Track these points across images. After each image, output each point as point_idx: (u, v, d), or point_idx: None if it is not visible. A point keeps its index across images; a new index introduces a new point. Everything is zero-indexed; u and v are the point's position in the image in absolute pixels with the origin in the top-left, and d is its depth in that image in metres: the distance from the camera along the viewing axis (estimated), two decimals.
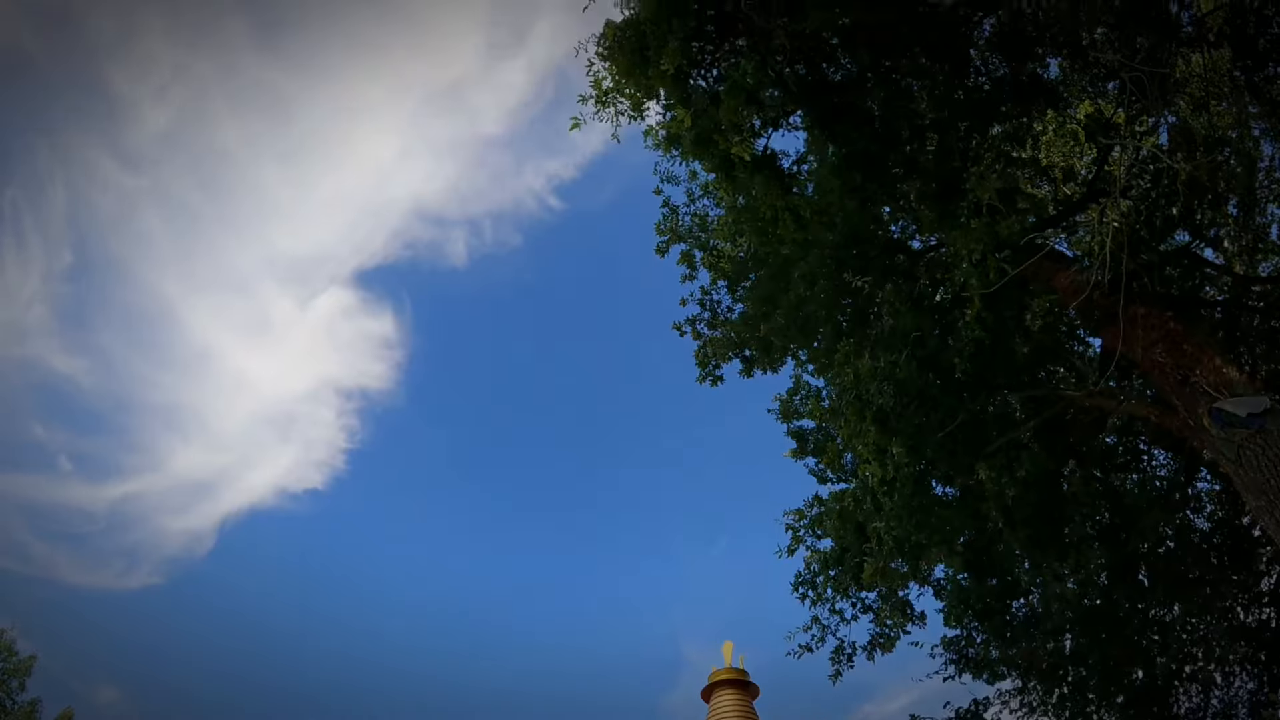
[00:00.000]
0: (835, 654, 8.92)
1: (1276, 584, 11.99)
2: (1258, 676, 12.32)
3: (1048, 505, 8.30)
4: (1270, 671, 12.23)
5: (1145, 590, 9.64)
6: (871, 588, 8.03)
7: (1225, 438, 7.15)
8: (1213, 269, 11.13)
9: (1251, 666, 12.21)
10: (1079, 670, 9.50)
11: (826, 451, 7.96)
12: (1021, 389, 8.30)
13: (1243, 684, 12.34)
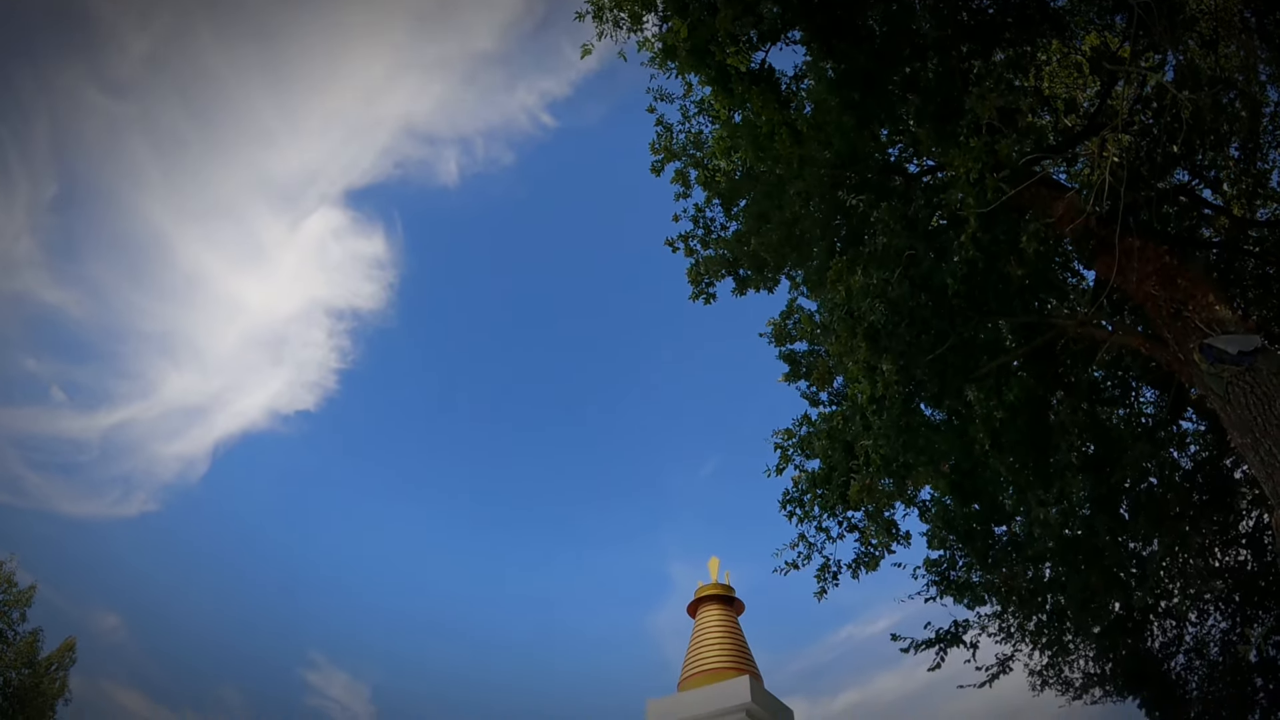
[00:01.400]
0: (820, 572, 9.00)
1: (1255, 526, 12.16)
2: (1231, 616, 12.58)
3: (1034, 432, 8.31)
4: (1244, 611, 12.48)
5: (1126, 523, 9.73)
6: (858, 506, 8.06)
7: (1214, 373, 7.13)
8: (1210, 209, 11.05)
9: (1225, 605, 12.46)
10: (1057, 598, 9.63)
11: (817, 368, 7.91)
12: (1013, 315, 8.26)
13: (1216, 622, 12.60)
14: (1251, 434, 6.67)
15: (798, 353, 9.41)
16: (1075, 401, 9.10)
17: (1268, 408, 6.55)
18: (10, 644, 45.60)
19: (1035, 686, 11.95)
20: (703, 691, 10.30)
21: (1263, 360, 6.96)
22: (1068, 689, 11.95)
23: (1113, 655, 10.97)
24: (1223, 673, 12.17)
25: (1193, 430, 11.41)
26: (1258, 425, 6.63)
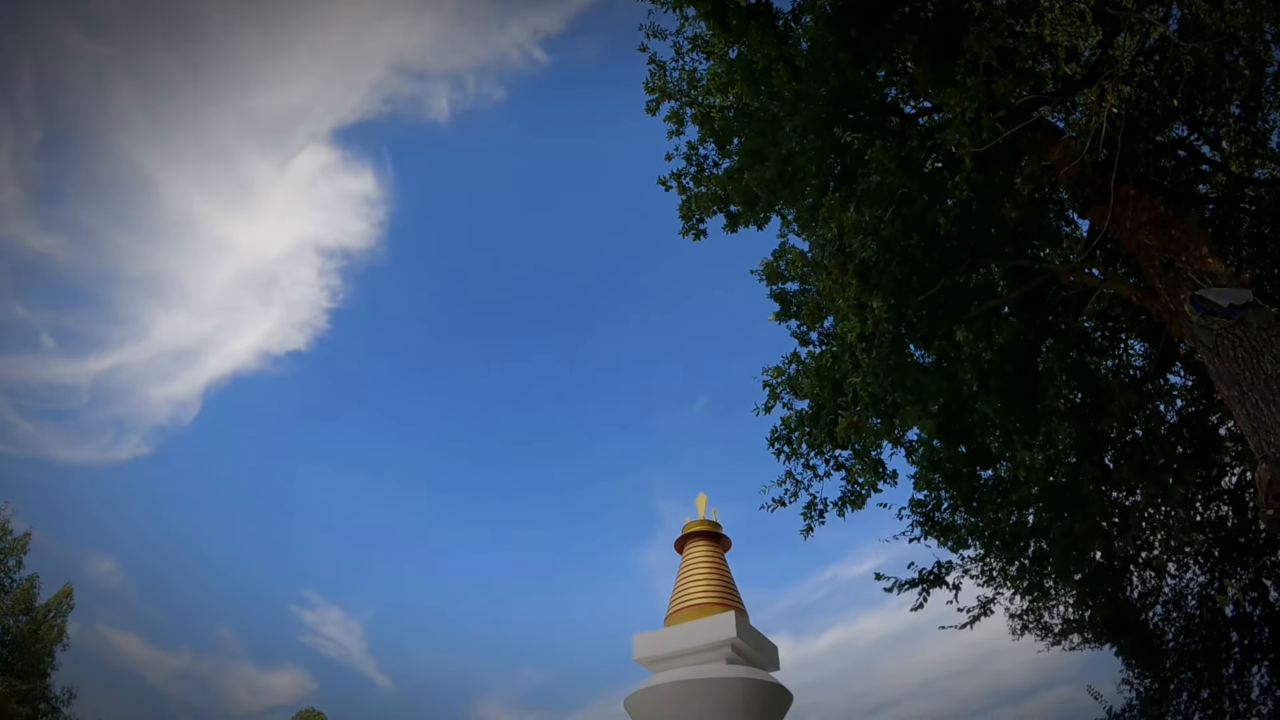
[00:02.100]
0: (807, 509, 9.08)
1: (1237, 483, 12.30)
2: (1209, 570, 12.77)
3: (1022, 377, 8.36)
4: (1222, 566, 12.68)
5: (1110, 473, 9.83)
6: (845, 444, 8.12)
7: (1204, 325, 7.14)
8: (1208, 165, 11.01)
9: (1204, 559, 12.65)
10: (1040, 543, 9.76)
11: (807, 303, 7.90)
12: (1005, 259, 8.26)
13: (1194, 575, 12.81)
14: (1239, 387, 6.70)
15: (789, 292, 9.42)
16: (1064, 348, 9.13)
17: (1256, 362, 6.58)
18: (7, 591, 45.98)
19: (1015, 631, 12.18)
20: (688, 626, 10.42)
21: (1253, 315, 6.98)
22: (1046, 634, 12.17)
23: (1092, 603, 11.15)
24: (1199, 625, 12.40)
25: (1180, 385, 11.50)
26: (1245, 379, 6.65)
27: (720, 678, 9.75)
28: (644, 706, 10.17)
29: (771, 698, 10.10)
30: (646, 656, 10.66)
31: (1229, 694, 13.14)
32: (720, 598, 10.65)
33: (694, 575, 10.96)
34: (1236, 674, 13.06)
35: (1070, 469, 9.38)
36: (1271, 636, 12.96)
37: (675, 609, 10.94)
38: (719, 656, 10.24)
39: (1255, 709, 13.57)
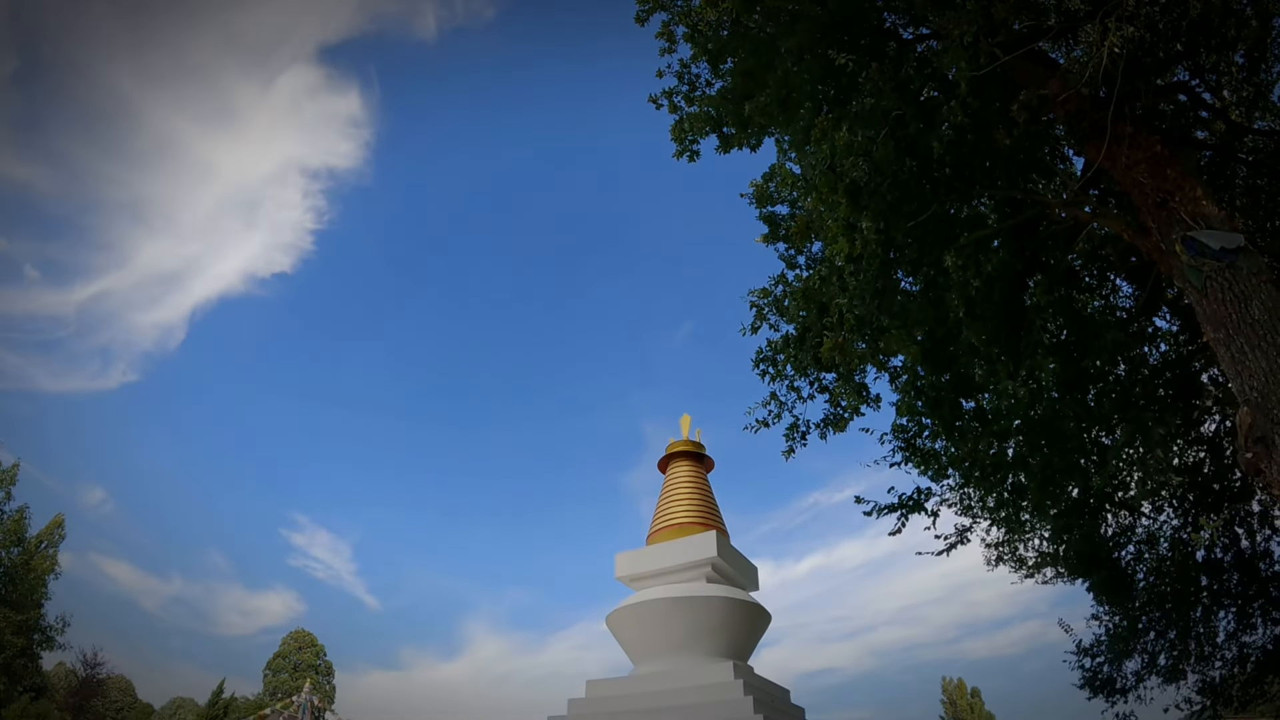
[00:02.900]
0: (790, 431, 9.14)
1: (1216, 430, 12.47)
2: (1183, 514, 13.01)
3: (1009, 309, 8.39)
4: (1196, 510, 12.91)
5: (1090, 410, 9.95)
6: (830, 365, 8.16)
7: (1194, 266, 7.16)
8: (1207, 112, 10.95)
9: (1178, 503, 12.88)
10: (1018, 476, 9.90)
11: (796, 223, 7.87)
12: (997, 189, 8.24)
13: (1168, 518, 13.05)
14: (1225, 330, 6.75)
15: (778, 215, 9.38)
16: (1051, 283, 9.18)
17: (1243, 306, 6.62)
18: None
19: (990, 562, 12.42)
20: (670, 546, 10.59)
21: (1244, 260, 7.00)
22: (1020, 566, 12.42)
23: (1067, 538, 11.34)
24: (1170, 567, 12.66)
25: (1165, 329, 11.58)
26: (1231, 322, 6.70)
27: (700, 596, 9.93)
28: (625, 624, 10.38)
29: (750, 617, 10.31)
30: (628, 575, 10.85)
31: (1195, 636, 13.50)
32: (701, 518, 10.80)
33: (676, 495, 11.09)
34: (1204, 617, 13.40)
35: (1051, 404, 9.48)
36: (1240, 583, 13.28)
37: (657, 528, 11.08)
38: (699, 576, 10.44)
39: (1220, 653, 13.96)
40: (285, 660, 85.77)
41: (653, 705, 9.43)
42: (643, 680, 10.01)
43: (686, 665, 10.05)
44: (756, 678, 10.02)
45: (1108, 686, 13.29)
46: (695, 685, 9.52)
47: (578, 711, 10.10)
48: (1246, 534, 13.17)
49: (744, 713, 8.84)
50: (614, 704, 9.81)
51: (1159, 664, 13.31)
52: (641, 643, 10.55)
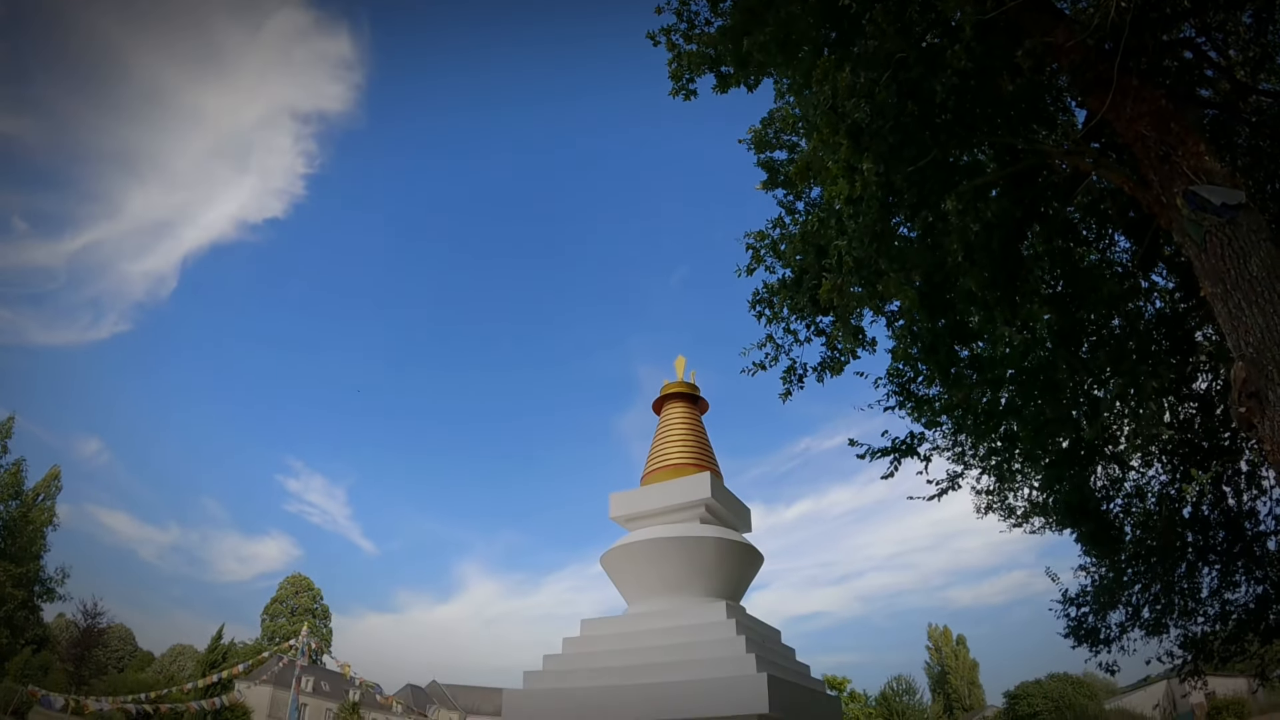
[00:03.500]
0: (786, 374, 9.20)
1: (1208, 388, 12.58)
2: (1171, 470, 13.18)
3: (1006, 258, 8.42)
4: (1184, 467, 13.07)
5: (1084, 362, 10.03)
6: (827, 306, 8.18)
7: (1195, 220, 7.17)
8: (1212, 70, 10.89)
9: (1166, 459, 13.04)
10: (1011, 425, 10.00)
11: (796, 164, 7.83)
12: (999, 136, 8.21)
13: (1156, 473, 13.22)
14: (1223, 284, 6.79)
15: (776, 161, 9.36)
16: (1050, 233, 9.20)
17: (1242, 262, 6.66)
18: None
19: (979, 510, 12.60)
20: (664, 486, 10.68)
21: (1244, 216, 7.02)
22: (1009, 515, 12.61)
23: (1056, 488, 11.50)
24: (1156, 522, 12.85)
25: (1161, 286, 11.64)
26: (1230, 278, 6.74)
27: (693, 536, 10.07)
28: (619, 563, 10.53)
29: (743, 558, 10.46)
30: (622, 515, 10.96)
31: (1179, 591, 13.75)
32: (696, 459, 10.88)
33: (671, 436, 11.17)
34: (1188, 573, 13.63)
35: (1046, 355, 9.56)
36: (1225, 541, 13.49)
37: (651, 469, 11.18)
38: (693, 516, 10.56)
39: (1203, 609, 14.23)
40: (282, 605, 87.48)
41: (646, 644, 9.61)
42: (636, 619, 10.18)
43: (680, 604, 10.21)
44: (748, 618, 10.20)
45: (1092, 636, 13.57)
46: (688, 624, 9.69)
47: (572, 650, 10.27)
48: (1234, 492, 13.35)
49: (736, 651, 9.00)
50: (608, 643, 9.98)
51: (1142, 617, 13.57)
52: (635, 582, 10.70)
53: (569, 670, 9.76)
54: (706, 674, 8.63)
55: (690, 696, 8.51)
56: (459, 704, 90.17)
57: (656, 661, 9.12)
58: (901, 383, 9.89)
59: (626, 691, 8.97)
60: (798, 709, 9.27)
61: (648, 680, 8.89)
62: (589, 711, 9.15)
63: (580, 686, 9.39)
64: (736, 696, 8.29)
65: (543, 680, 9.89)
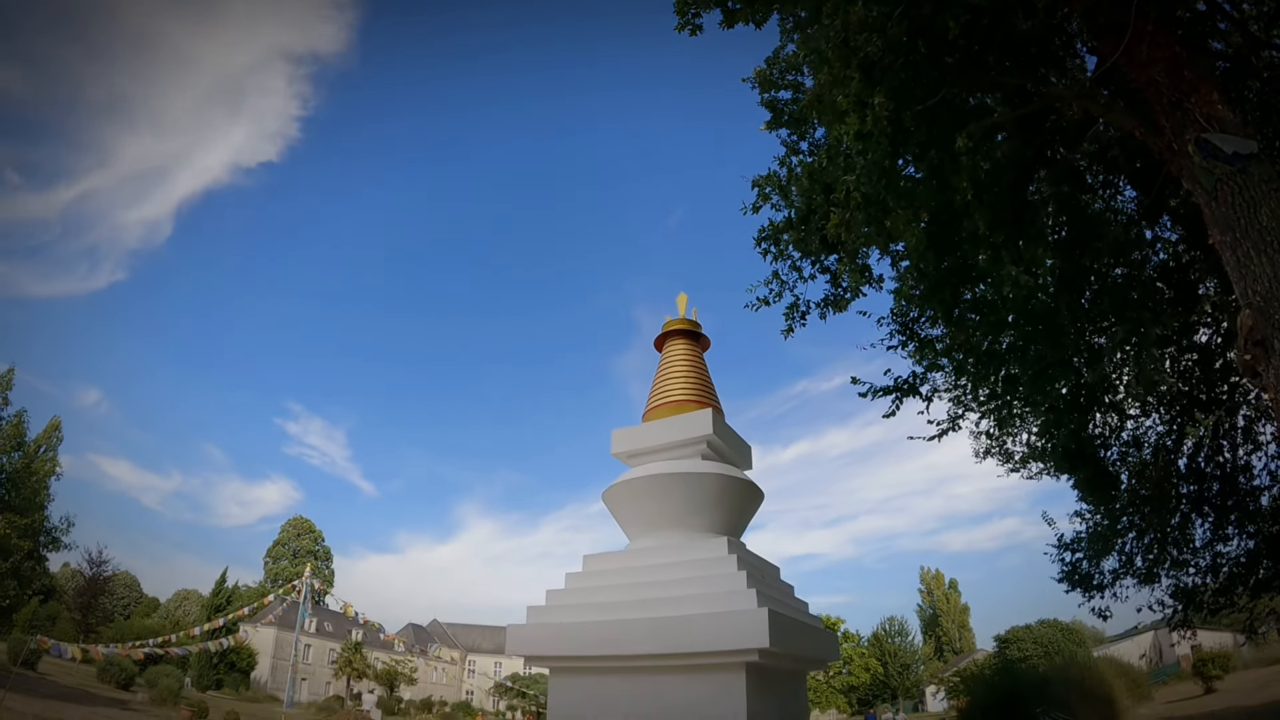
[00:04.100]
0: (789, 310, 9.28)
1: (1209, 340, 12.64)
2: (1168, 422, 13.32)
3: (1014, 201, 8.44)
4: (1180, 420, 13.19)
5: (1086, 310, 10.08)
6: (834, 242, 8.21)
7: (1206, 168, 7.20)
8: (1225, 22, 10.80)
9: (1163, 410, 13.17)
10: (1012, 368, 10.08)
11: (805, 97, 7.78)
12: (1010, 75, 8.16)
13: (1154, 424, 13.37)
14: (1232, 233, 6.84)
15: (781, 100, 9.30)
16: (1057, 178, 9.19)
17: (1252, 211, 6.69)
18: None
19: (978, 454, 12.77)
20: (666, 422, 10.75)
21: (1256, 166, 7.03)
22: (1007, 460, 12.77)
23: (1055, 433, 11.63)
24: (1152, 471, 13.02)
25: (1166, 238, 11.64)
26: (1239, 226, 6.79)
27: (695, 472, 10.18)
28: (620, 499, 10.62)
29: (744, 494, 10.56)
30: (624, 451, 11.04)
31: (1172, 542, 13.97)
32: (698, 395, 10.94)
33: (672, 373, 11.21)
34: (1181, 524, 13.84)
35: (1049, 299, 9.60)
36: (1219, 494, 13.66)
37: (653, 405, 11.24)
38: (695, 453, 10.64)
39: (1195, 561, 14.46)
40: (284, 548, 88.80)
41: (649, 579, 9.70)
42: (638, 554, 10.28)
43: (681, 540, 10.32)
44: (749, 554, 10.30)
45: (1086, 582, 13.81)
46: (690, 559, 9.78)
47: (575, 585, 10.39)
48: (1229, 446, 13.48)
49: (737, 586, 9.10)
50: (610, 577, 10.08)
51: (1135, 565, 13.82)
52: (637, 517, 10.82)
53: (572, 605, 9.88)
54: (708, 608, 8.72)
55: (693, 630, 8.60)
56: (459, 642, 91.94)
57: (659, 596, 9.21)
58: (904, 322, 9.94)
59: (629, 625, 9.06)
60: (797, 644, 9.40)
61: (650, 614, 8.98)
62: (592, 644, 9.28)
63: (583, 621, 9.52)
64: (738, 630, 8.38)
65: (546, 615, 10.02)
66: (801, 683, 11.14)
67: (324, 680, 72.63)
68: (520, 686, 68.59)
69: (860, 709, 76.30)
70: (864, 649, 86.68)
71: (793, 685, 10.56)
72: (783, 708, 9.93)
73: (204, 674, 59.60)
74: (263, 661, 69.53)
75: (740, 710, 8.57)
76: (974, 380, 10.56)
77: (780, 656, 9.32)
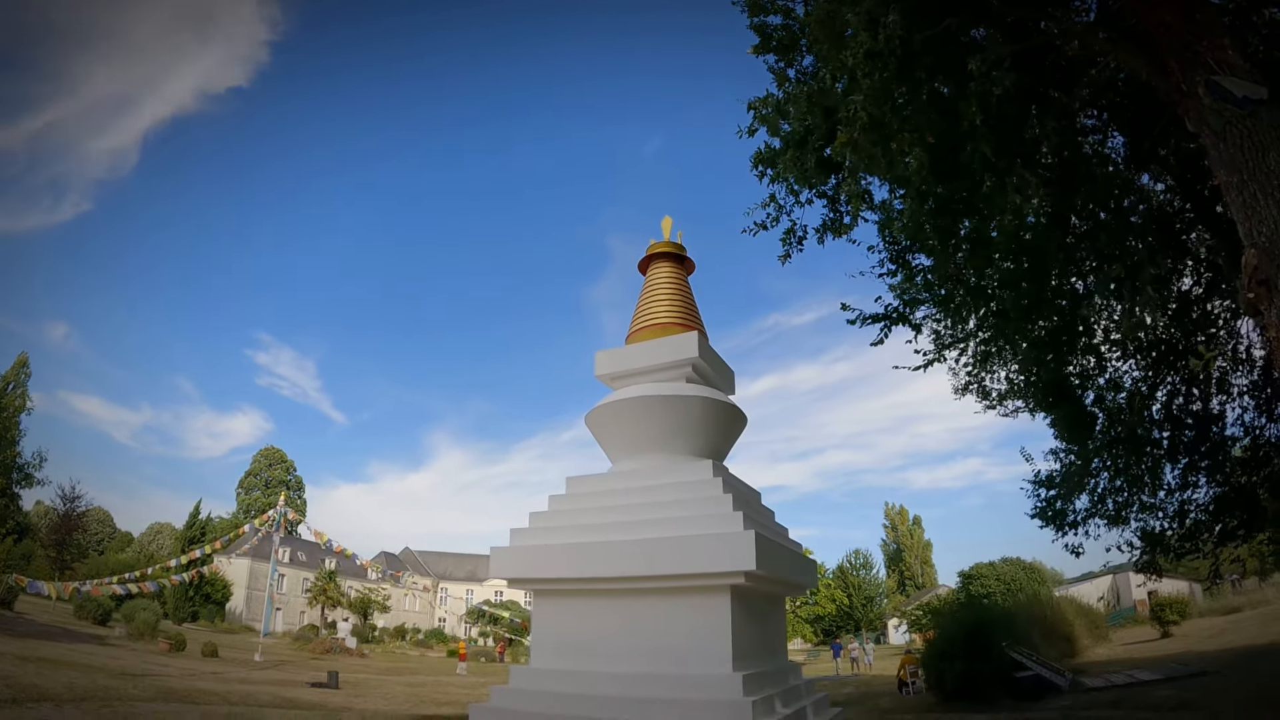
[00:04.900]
0: (786, 235, 9.20)
1: (1190, 288, 12.76)
2: (1145, 369, 13.50)
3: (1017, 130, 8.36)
4: (1156, 369, 13.38)
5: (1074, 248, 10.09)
6: (837, 164, 8.11)
7: (1216, 110, 7.21)
8: None
9: (1141, 357, 13.35)
10: (997, 304, 10.12)
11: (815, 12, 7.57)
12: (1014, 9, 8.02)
13: (1130, 370, 13.55)
14: (1239, 174, 6.87)
15: (770, 25, 9.04)
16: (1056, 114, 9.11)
17: (1260, 155, 6.70)
18: None
19: (956, 390, 12.89)
20: (651, 345, 10.69)
21: (1266, 111, 7.01)
22: (985, 397, 12.91)
23: (1036, 371, 11.74)
24: (1128, 417, 13.23)
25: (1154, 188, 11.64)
26: (1247, 168, 6.82)
27: (680, 395, 10.17)
28: (605, 421, 10.60)
29: (728, 418, 10.59)
30: (608, 373, 10.97)
31: (1143, 485, 14.27)
32: (683, 318, 10.89)
33: (657, 295, 11.12)
34: (1152, 469, 14.12)
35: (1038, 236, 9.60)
36: (1191, 442, 13.93)
37: (637, 328, 11.16)
38: (680, 376, 10.60)
39: (1163, 506, 14.80)
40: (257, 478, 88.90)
41: (633, 500, 9.70)
42: (623, 477, 10.27)
43: (665, 463, 10.31)
44: (733, 478, 10.34)
45: (1059, 518, 14.10)
46: (676, 481, 9.77)
47: (558, 507, 10.38)
48: (1202, 395, 13.71)
49: (723, 509, 9.11)
50: (594, 499, 10.09)
51: (1106, 506, 14.12)
52: (620, 440, 10.79)
53: (556, 527, 9.89)
54: (695, 530, 8.72)
55: (679, 552, 8.59)
56: (431, 570, 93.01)
57: (644, 518, 9.22)
58: (896, 251, 9.90)
59: (614, 547, 9.06)
60: (781, 568, 9.50)
61: (635, 536, 9.00)
62: (577, 566, 9.29)
63: (567, 543, 9.53)
64: (724, 553, 8.38)
65: (530, 537, 10.00)
66: (781, 608, 11.30)
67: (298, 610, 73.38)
68: (493, 612, 69.77)
69: (825, 640, 78.23)
70: (830, 580, 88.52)
71: (773, 610, 10.73)
72: (764, 632, 10.09)
73: (180, 607, 60.02)
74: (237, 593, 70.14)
75: (725, 633, 8.65)
76: (961, 312, 10.57)
77: (764, 580, 9.41)
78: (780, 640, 11.04)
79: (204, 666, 25.39)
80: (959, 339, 11.41)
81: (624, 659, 9.10)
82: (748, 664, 9.01)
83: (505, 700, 9.67)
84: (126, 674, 18.21)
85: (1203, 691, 14.22)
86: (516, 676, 10.03)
